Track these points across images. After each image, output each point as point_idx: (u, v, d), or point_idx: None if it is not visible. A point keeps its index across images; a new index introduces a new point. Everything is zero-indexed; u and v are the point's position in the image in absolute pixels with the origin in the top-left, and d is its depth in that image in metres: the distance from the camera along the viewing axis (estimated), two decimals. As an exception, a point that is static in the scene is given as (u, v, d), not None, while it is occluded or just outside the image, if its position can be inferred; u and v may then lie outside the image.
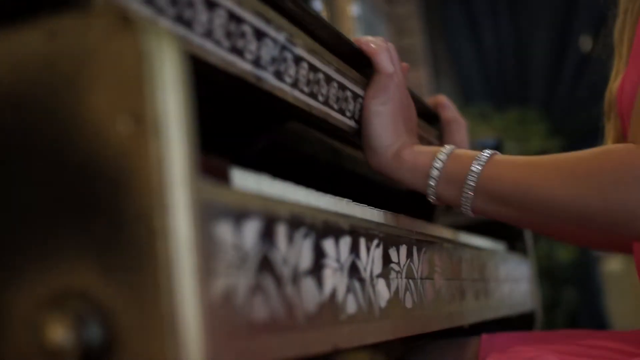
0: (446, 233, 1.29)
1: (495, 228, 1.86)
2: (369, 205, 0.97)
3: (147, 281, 0.53)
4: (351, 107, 1.09)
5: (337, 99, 1.04)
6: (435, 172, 1.08)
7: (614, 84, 1.26)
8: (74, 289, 0.54)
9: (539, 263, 3.63)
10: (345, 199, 0.91)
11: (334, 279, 0.77)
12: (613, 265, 4.79)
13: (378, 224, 0.92)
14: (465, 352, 1.26)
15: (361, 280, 0.83)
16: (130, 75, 0.54)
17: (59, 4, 0.56)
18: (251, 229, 0.63)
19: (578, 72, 4.95)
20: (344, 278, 0.79)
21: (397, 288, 0.94)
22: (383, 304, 0.89)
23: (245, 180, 0.69)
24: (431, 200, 1.11)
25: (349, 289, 0.80)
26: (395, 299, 0.92)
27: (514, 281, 1.66)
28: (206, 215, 0.57)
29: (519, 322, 1.80)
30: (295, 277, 0.69)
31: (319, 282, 0.74)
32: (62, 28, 0.56)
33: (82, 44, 0.55)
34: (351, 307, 0.80)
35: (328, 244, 0.77)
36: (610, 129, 1.33)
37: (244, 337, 0.60)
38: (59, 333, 0.53)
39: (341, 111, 1.06)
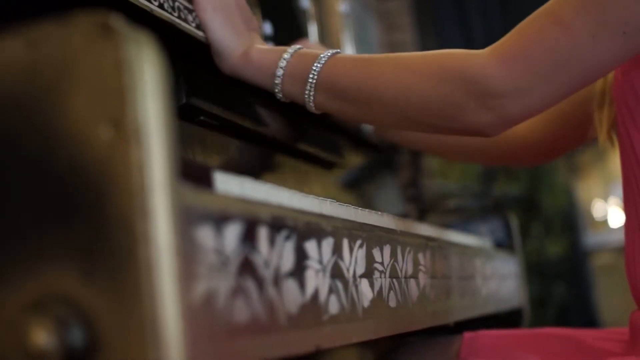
0: (431, 231, 1.30)
1: (483, 227, 1.87)
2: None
3: (128, 285, 0.53)
4: (191, 17, 1.12)
5: (173, 8, 1.08)
6: (280, 71, 1.14)
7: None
8: (56, 293, 0.54)
9: (529, 258, 3.63)
10: (329, 200, 0.91)
11: (316, 280, 0.78)
12: (603, 260, 4.80)
13: (362, 224, 0.93)
14: (449, 350, 1.27)
15: (344, 281, 0.84)
16: (110, 82, 0.54)
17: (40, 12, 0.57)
18: (232, 233, 0.64)
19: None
20: (326, 279, 0.80)
21: (381, 288, 0.95)
22: (366, 303, 0.90)
23: (227, 184, 0.70)
24: (279, 98, 1.17)
25: (332, 290, 0.81)
26: (378, 298, 0.93)
27: (501, 278, 1.66)
28: (187, 220, 0.57)
29: (507, 319, 1.81)
30: (277, 279, 0.70)
31: (301, 283, 0.75)
32: (43, 36, 0.56)
33: (63, 52, 0.56)
34: (334, 307, 0.81)
35: (310, 246, 0.78)
36: (602, 117, 1.33)
37: (225, 339, 0.61)
38: (42, 336, 0.53)
39: (184, 20, 1.10)
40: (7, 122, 0.57)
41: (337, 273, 0.83)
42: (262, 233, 0.69)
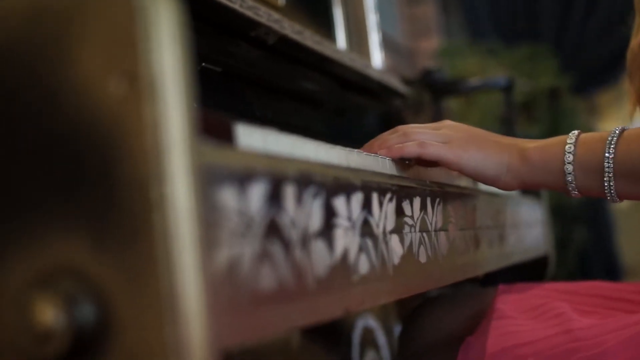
0: (460, 180, 1.25)
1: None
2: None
3: (143, 256, 0.49)
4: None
5: None
6: (569, 167, 1.04)
7: (635, 41, 1.20)
8: (64, 267, 0.51)
9: (549, 203, 3.59)
10: (356, 150, 0.87)
11: (345, 239, 0.73)
12: (624, 203, 4.76)
13: (391, 176, 0.89)
14: (482, 302, 1.23)
15: (374, 238, 0.79)
16: (122, 31, 0.50)
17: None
18: (257, 192, 0.59)
19: (590, 5, 4.86)
20: (355, 237, 0.75)
21: (411, 243, 0.90)
22: (396, 260, 0.85)
23: (250, 137, 0.65)
24: (574, 195, 1.07)
25: (361, 248, 0.76)
26: (408, 254, 0.89)
27: (527, 226, 1.62)
28: (207, 181, 0.53)
29: (532, 267, 1.77)
30: (305, 241, 0.65)
31: (330, 243, 0.70)
32: (48, -20, 0.52)
33: (70, -3, 0.51)
34: (363, 267, 0.76)
35: (339, 202, 0.73)
36: (634, 89, 1.27)
37: (250, 311, 0.56)
38: (49, 314, 0.49)
39: None
40: (7, 76, 0.52)
41: (366, 230, 0.78)
42: (289, 191, 0.64)
